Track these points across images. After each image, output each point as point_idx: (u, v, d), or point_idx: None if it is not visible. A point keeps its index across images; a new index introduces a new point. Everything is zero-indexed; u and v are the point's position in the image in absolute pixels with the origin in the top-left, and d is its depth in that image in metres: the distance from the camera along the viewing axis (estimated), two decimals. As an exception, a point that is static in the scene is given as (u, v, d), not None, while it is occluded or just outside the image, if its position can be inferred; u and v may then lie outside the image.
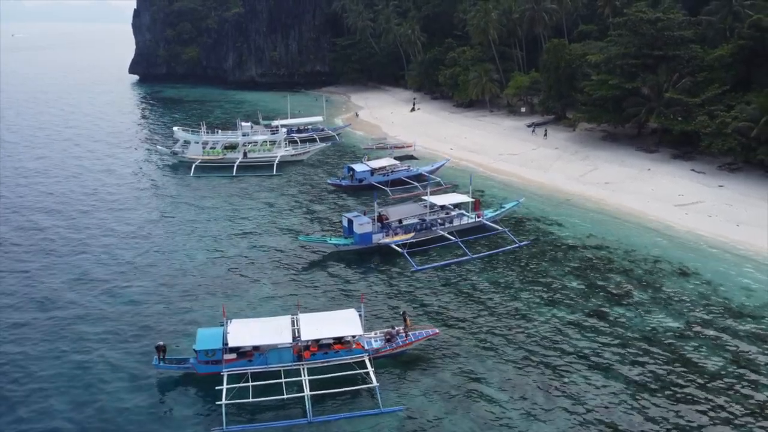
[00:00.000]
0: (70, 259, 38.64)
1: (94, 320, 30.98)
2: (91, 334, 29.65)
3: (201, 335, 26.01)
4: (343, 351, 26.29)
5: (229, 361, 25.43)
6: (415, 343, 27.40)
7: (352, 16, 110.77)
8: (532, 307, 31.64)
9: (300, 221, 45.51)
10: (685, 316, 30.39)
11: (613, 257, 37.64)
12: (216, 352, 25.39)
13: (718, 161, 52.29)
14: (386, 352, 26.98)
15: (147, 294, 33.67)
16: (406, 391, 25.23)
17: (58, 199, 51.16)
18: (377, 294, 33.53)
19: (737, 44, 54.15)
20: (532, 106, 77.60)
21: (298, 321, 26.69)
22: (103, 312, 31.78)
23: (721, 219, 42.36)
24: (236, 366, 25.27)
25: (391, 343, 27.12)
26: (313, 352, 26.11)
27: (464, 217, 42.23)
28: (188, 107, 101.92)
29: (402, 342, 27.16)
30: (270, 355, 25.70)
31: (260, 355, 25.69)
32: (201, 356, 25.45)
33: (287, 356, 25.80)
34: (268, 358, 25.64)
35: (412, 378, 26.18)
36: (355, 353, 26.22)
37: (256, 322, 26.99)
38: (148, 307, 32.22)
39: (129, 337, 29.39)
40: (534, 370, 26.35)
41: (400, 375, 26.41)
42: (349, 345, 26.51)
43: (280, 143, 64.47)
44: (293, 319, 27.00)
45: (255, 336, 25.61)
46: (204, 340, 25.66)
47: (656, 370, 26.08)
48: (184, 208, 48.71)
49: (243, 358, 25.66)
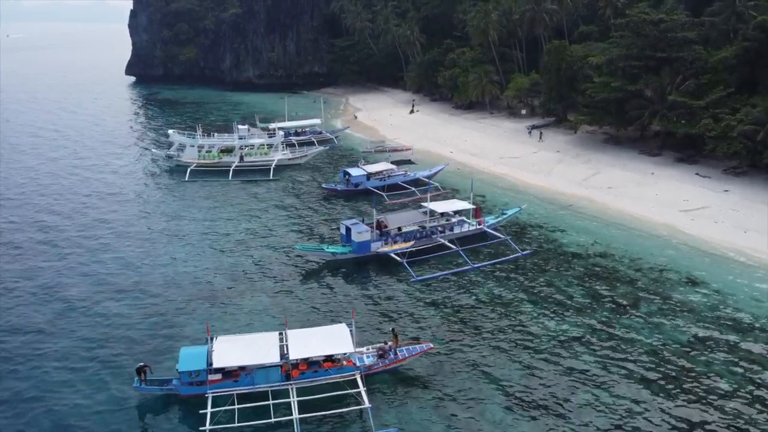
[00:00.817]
0: (57, 268, 37.50)
1: (77, 336, 29.71)
2: (73, 350, 28.43)
3: (184, 355, 24.66)
4: (334, 369, 25.12)
5: (213, 382, 24.13)
6: (409, 359, 26.29)
7: (351, 16, 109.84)
8: (537, 320, 30.63)
9: (297, 228, 44.48)
10: (695, 329, 29.39)
11: (619, 266, 36.66)
12: (200, 373, 24.09)
13: (722, 165, 51.36)
14: (379, 369, 25.86)
15: (136, 307, 32.48)
16: (402, 412, 24.11)
17: (48, 206, 50.00)
18: (375, 306, 32.51)
19: (741, 46, 53.18)
20: (532, 107, 76.67)
21: (286, 337, 25.48)
22: (89, 326, 30.58)
23: (728, 225, 41.40)
24: (221, 387, 24.06)
25: (384, 360, 25.99)
26: (302, 371, 24.94)
27: (465, 224, 41.23)
28: (185, 109, 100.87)
29: (394, 358, 26.05)
30: (257, 374, 24.45)
31: (247, 375, 24.43)
32: (184, 377, 24.15)
33: (275, 376, 24.53)
34: (255, 378, 24.39)
35: (408, 397, 25.06)
36: (346, 371, 25.07)
37: (242, 339, 25.69)
38: (136, 321, 31.05)
39: (112, 354, 28.04)
40: (539, 387, 25.35)
41: (394, 393, 25.32)
42: (339, 363, 25.38)
43: (277, 146, 63.44)
44: (281, 335, 25.79)
45: (241, 355, 24.34)
46: (187, 360, 24.32)
47: (667, 387, 25.09)
48: (178, 215, 47.60)
49: (228, 378, 24.40)
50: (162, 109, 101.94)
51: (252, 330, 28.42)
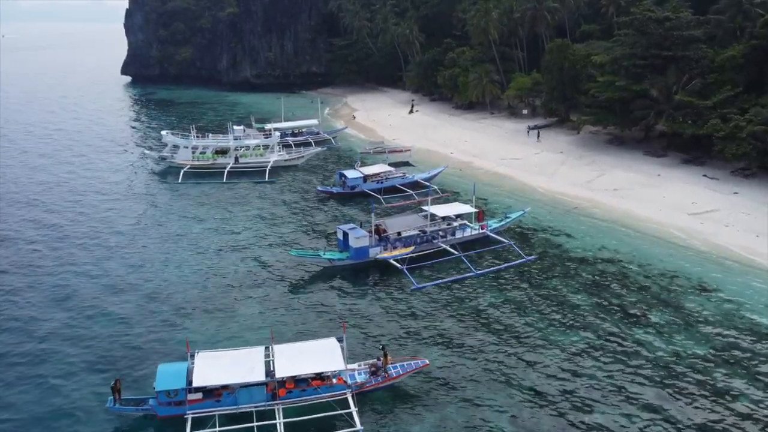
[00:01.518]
0: (45, 274, 36.01)
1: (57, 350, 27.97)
2: (54, 362, 26.92)
3: (162, 372, 22.88)
4: (324, 388, 23.41)
5: (193, 401, 22.46)
6: (404, 376, 24.65)
7: (349, 15, 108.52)
8: (544, 331, 29.11)
9: (293, 233, 42.94)
10: (711, 340, 27.93)
11: (628, 272, 35.19)
12: (179, 392, 22.41)
13: (730, 166, 49.90)
14: (371, 387, 24.19)
15: (122, 317, 30.89)
16: None
17: (35, 208, 48.50)
18: (373, 316, 30.93)
19: (749, 44, 51.82)
20: (534, 108, 75.25)
21: (272, 353, 23.76)
22: (72, 336, 29.01)
23: (739, 229, 39.96)
24: (202, 407, 22.36)
25: (377, 377, 24.35)
26: (289, 390, 23.23)
27: (467, 228, 39.71)
28: (180, 109, 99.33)
29: (388, 375, 24.39)
30: (240, 394, 22.72)
31: (229, 394, 22.74)
32: (162, 397, 22.44)
33: (260, 395, 22.81)
34: (239, 398, 22.65)
35: (403, 417, 23.32)
36: (337, 390, 23.39)
37: (225, 355, 23.86)
38: (122, 331, 29.51)
39: (89, 368, 26.35)
40: (549, 404, 23.86)
41: (388, 414, 23.57)
42: (329, 380, 23.70)
43: (273, 147, 61.93)
44: (267, 351, 24.06)
45: (224, 373, 22.56)
46: (165, 378, 22.56)
47: (683, 403, 23.61)
48: (170, 219, 46.07)
49: (210, 398, 22.72)
50: (157, 110, 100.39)
51: (240, 342, 26.86)
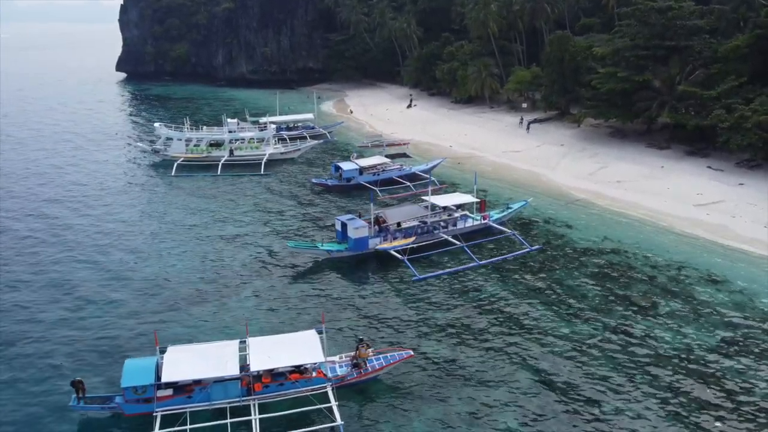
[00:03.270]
0: (34, 266, 34.88)
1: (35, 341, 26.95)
2: (29, 357, 25.81)
3: (129, 368, 21.57)
4: (302, 381, 22.21)
5: (163, 398, 21.21)
6: (387, 367, 23.50)
7: (346, 10, 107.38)
8: (549, 322, 28.09)
9: (289, 225, 41.84)
10: (722, 331, 26.95)
11: (633, 263, 34.20)
12: (147, 389, 21.17)
13: (735, 158, 48.94)
14: (353, 380, 23.06)
15: (112, 310, 29.80)
16: (379, 430, 21.15)
17: (30, 201, 47.34)
18: (374, 307, 29.88)
19: (754, 34, 50.92)
20: (534, 101, 74.25)
21: (248, 346, 22.56)
22: (53, 330, 27.87)
23: (747, 220, 39.02)
24: (172, 404, 21.11)
25: (359, 369, 23.23)
26: (265, 384, 22.04)
27: (469, 218, 38.68)
28: (176, 105, 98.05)
29: (373, 367, 23.24)
30: (213, 389, 21.53)
31: (201, 389, 21.52)
32: (128, 394, 21.19)
33: (234, 390, 21.64)
34: (212, 394, 21.46)
35: (389, 410, 22.07)
36: (316, 383, 22.26)
37: (197, 349, 22.66)
38: (112, 324, 28.39)
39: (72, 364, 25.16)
40: (554, 394, 22.81)
41: (370, 408, 22.38)
42: (308, 374, 22.59)
43: (268, 141, 60.79)
44: (242, 344, 22.82)
45: (195, 368, 21.37)
46: (132, 374, 21.32)
47: (694, 395, 22.63)
48: (163, 211, 44.93)
49: (181, 394, 21.46)
50: (152, 106, 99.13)
51: (234, 335, 25.61)
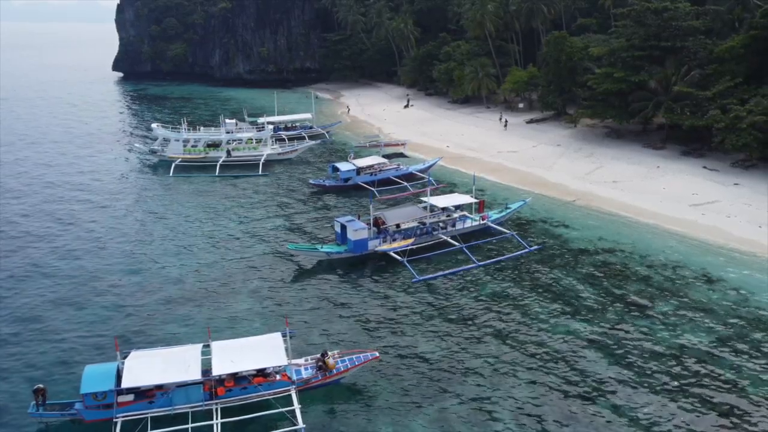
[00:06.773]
0: (29, 264, 34.92)
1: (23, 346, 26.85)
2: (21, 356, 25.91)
3: (88, 374, 21.40)
4: (265, 384, 22.15)
5: (123, 404, 21.10)
6: (352, 370, 23.48)
7: (343, 10, 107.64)
8: (547, 321, 28.37)
9: (288, 226, 41.99)
10: (717, 331, 27.26)
11: (629, 263, 34.51)
12: (107, 395, 21.03)
13: (730, 158, 49.36)
14: (317, 382, 23.01)
15: (107, 309, 29.88)
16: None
17: (24, 203, 47.30)
18: (373, 309, 30.01)
19: (749, 35, 51.31)
20: (530, 102, 74.60)
21: (211, 350, 22.47)
22: (41, 333, 27.87)
23: (742, 220, 39.38)
24: (132, 410, 21.04)
25: (324, 372, 23.23)
26: (228, 388, 22.00)
27: (468, 219, 38.91)
28: (172, 105, 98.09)
29: (338, 369, 23.20)
30: (175, 394, 21.45)
31: (163, 395, 21.50)
32: (88, 400, 21.01)
33: (196, 395, 21.58)
34: (174, 399, 21.39)
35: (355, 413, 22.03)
36: (280, 386, 22.19)
37: (159, 354, 22.54)
38: (105, 324, 28.48)
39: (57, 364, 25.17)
40: (554, 398, 23.08)
41: (334, 409, 22.43)
42: (272, 377, 22.50)
43: (266, 141, 60.92)
44: (205, 348, 22.79)
45: (156, 373, 21.27)
46: (91, 380, 21.15)
47: (690, 393, 22.91)
48: (161, 212, 45.00)
49: (142, 399, 21.43)
50: (148, 106, 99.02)
51: (235, 334, 25.77)
